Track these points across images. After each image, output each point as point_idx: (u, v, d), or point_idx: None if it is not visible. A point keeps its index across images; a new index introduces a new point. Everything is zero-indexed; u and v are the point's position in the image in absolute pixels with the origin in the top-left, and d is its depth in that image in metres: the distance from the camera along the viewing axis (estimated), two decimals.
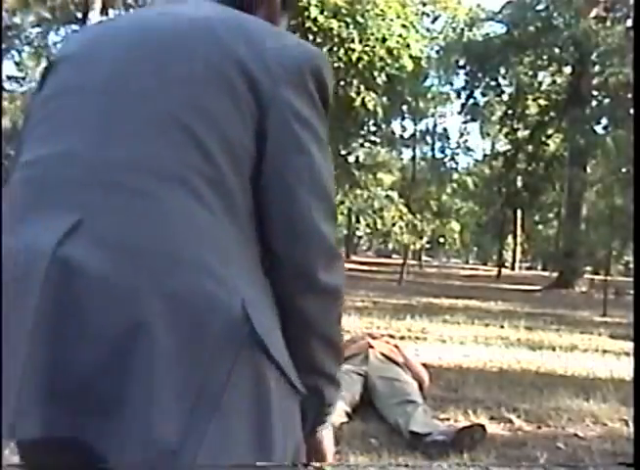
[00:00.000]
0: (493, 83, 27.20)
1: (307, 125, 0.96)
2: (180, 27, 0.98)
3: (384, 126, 21.32)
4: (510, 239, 39.01)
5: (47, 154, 0.93)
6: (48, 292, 0.81)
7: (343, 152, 15.56)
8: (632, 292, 15.22)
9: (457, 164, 44.01)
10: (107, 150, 0.90)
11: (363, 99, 13.99)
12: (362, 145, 22.30)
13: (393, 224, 21.20)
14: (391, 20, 14.09)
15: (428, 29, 30.05)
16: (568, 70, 25.56)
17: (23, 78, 22.21)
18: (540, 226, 44.04)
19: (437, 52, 31.28)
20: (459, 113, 30.90)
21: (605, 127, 24.56)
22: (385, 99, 14.36)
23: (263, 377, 0.86)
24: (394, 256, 44.76)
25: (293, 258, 0.95)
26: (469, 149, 44.58)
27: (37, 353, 0.80)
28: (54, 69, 1.03)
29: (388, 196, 26.53)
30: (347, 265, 20.47)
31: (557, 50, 24.70)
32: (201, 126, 0.90)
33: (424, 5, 29.38)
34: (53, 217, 0.86)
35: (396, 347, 4.00)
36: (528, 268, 44.29)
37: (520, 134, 27.41)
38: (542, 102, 26.64)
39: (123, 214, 0.86)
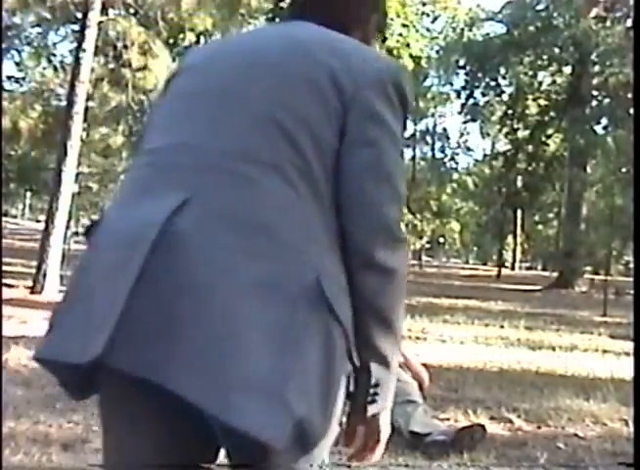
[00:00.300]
0: (493, 83, 27.21)
1: (381, 122, 1.12)
2: (282, 46, 1.19)
3: None
4: (510, 239, 38.99)
5: (165, 144, 1.14)
6: (155, 250, 0.98)
7: None
8: (632, 292, 15.22)
9: (457, 164, 44.07)
10: (214, 141, 1.10)
11: None
12: None
13: None
14: (391, 19, 14.09)
15: (428, 29, 30.04)
16: (568, 70, 25.56)
17: (23, 78, 22.22)
18: (540, 226, 44.02)
19: (437, 52, 31.29)
20: (459, 113, 30.92)
21: (605, 127, 24.57)
22: None
23: (330, 332, 1.02)
24: None
25: (355, 236, 1.09)
26: (469, 149, 44.62)
27: (136, 304, 0.96)
28: (177, 76, 1.25)
29: None
30: None
31: (557, 50, 24.72)
32: (292, 124, 1.08)
33: (424, 5, 29.36)
34: (165, 196, 1.04)
35: None
36: (528, 268, 44.28)
37: (520, 134, 27.41)
38: (542, 102, 26.64)
39: (226, 194, 1.04)
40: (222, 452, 1.06)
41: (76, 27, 12.21)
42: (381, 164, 1.11)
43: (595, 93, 24.52)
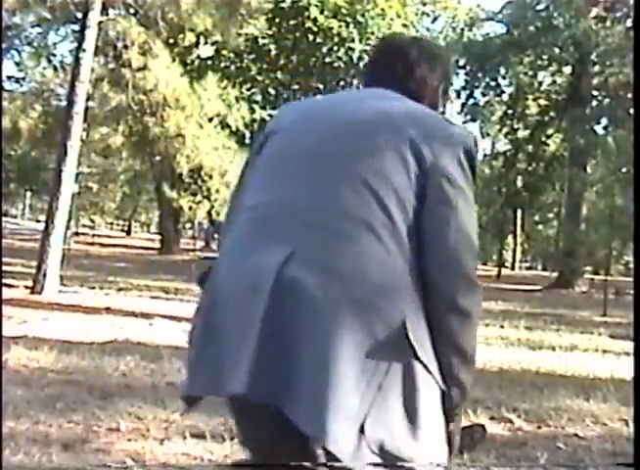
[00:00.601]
0: (493, 83, 27.18)
1: (456, 186, 1.31)
2: (369, 116, 1.38)
3: None
4: (510, 239, 38.98)
5: (267, 201, 1.34)
6: (274, 297, 1.19)
7: None
8: (632, 292, 15.22)
9: None
10: (313, 200, 1.30)
11: None
12: None
13: None
14: (392, 19, 14.09)
15: (428, 29, 30.01)
16: (568, 70, 25.54)
17: (23, 78, 22.20)
18: (540, 226, 44.00)
19: None
20: (459, 113, 30.89)
21: (605, 127, 24.56)
22: None
23: (412, 373, 1.21)
24: None
25: (439, 284, 1.28)
26: None
27: (264, 341, 1.18)
28: (270, 138, 1.43)
29: None
30: None
31: (557, 50, 24.69)
32: (380, 187, 1.27)
33: (424, 5, 29.33)
34: (273, 248, 1.25)
35: None
36: (528, 268, 44.26)
37: (520, 134, 27.39)
38: (542, 102, 26.63)
39: (327, 249, 1.24)
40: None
41: (76, 27, 12.21)
42: (457, 221, 1.30)
43: (595, 93, 24.50)
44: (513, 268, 36.78)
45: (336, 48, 13.59)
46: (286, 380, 1.18)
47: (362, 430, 1.17)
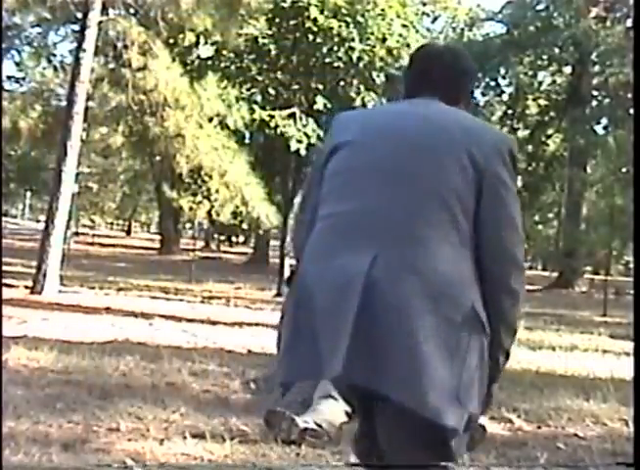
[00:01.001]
0: (493, 83, 27.16)
1: (506, 186, 1.55)
2: (429, 130, 1.58)
3: None
4: None
5: (347, 210, 1.53)
6: (365, 294, 1.40)
7: None
8: (632, 292, 15.21)
9: None
10: (390, 208, 1.50)
11: (363, 99, 13.95)
12: None
13: None
14: (392, 19, 14.06)
15: (428, 29, 29.95)
16: (568, 70, 25.53)
17: (24, 78, 22.18)
18: (540, 226, 43.96)
19: None
20: None
21: (605, 127, 24.54)
22: (384, 99, 14.32)
23: (483, 344, 1.50)
24: None
25: (495, 271, 1.52)
26: None
27: (356, 334, 1.39)
28: (339, 150, 1.60)
29: None
30: None
31: (557, 50, 24.68)
32: (450, 197, 1.49)
33: (424, 5, 29.29)
34: (359, 252, 1.45)
35: None
36: (529, 268, 44.25)
37: (520, 134, 27.37)
38: (542, 102, 26.61)
39: (404, 251, 1.46)
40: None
41: (76, 27, 12.20)
42: (509, 218, 1.55)
43: (595, 93, 24.49)
44: None
45: (336, 48, 13.56)
46: (381, 364, 1.40)
47: (458, 400, 1.42)
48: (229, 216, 13.32)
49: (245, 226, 21.60)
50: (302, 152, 13.41)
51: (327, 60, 13.89)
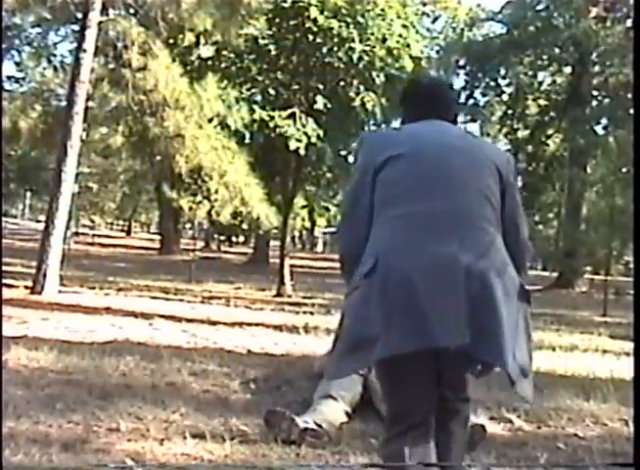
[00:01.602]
0: (493, 83, 27.15)
1: (516, 191, 2.11)
2: (465, 145, 2.05)
3: (383, 127, 21.20)
4: None
5: (417, 210, 1.91)
6: (462, 274, 1.81)
7: (343, 152, 15.49)
8: (632, 292, 15.20)
9: None
10: (454, 208, 1.93)
11: (363, 99, 13.95)
12: None
13: None
14: (392, 20, 14.04)
15: (428, 29, 29.98)
16: (568, 70, 25.52)
17: (23, 78, 22.16)
18: (540, 226, 43.95)
19: (437, 52, 31.23)
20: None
21: (605, 127, 24.53)
22: (384, 99, 14.30)
23: (527, 308, 1.94)
24: None
25: (515, 252, 2.01)
26: None
27: (465, 305, 1.81)
28: (391, 163, 1.97)
29: None
30: None
31: (557, 50, 24.67)
32: (491, 197, 1.98)
33: (424, 5, 29.32)
34: (441, 243, 1.86)
35: None
36: (529, 268, 44.18)
37: (520, 134, 27.37)
38: (542, 102, 26.61)
39: (476, 239, 1.90)
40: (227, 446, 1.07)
41: (76, 28, 12.19)
42: (521, 214, 2.11)
43: (595, 93, 24.48)
44: None
45: (336, 48, 13.55)
46: (480, 331, 1.79)
47: (514, 357, 1.82)
48: (229, 217, 13.31)
49: (245, 226, 21.62)
50: (302, 151, 13.41)
51: (327, 60, 13.88)
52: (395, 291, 1.79)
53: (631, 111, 16.81)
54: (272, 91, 14.10)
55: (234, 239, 42.17)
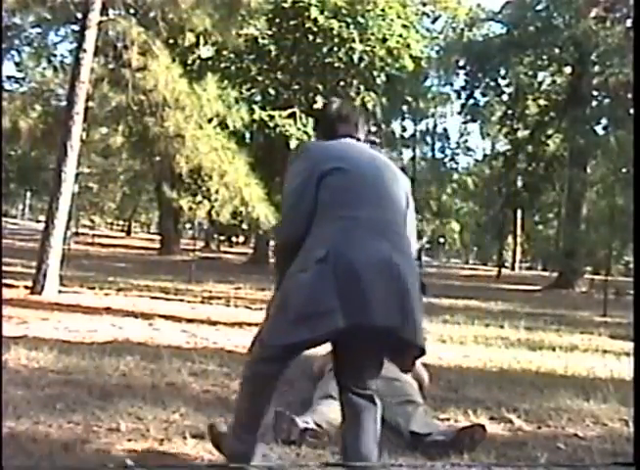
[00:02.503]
0: (493, 83, 27.18)
1: (412, 200, 2.59)
2: (382, 165, 2.54)
3: (384, 127, 21.25)
4: (510, 239, 38.97)
5: (360, 215, 2.33)
6: (394, 268, 2.28)
7: None
8: (632, 292, 15.20)
9: (457, 164, 44.00)
10: (384, 216, 2.39)
11: (363, 99, 13.96)
12: None
13: None
14: (392, 20, 14.07)
15: (428, 29, 30.02)
16: (568, 70, 25.54)
17: (23, 78, 22.15)
18: (540, 226, 43.98)
19: (437, 52, 31.28)
20: (459, 113, 30.90)
21: (605, 127, 24.55)
22: (385, 99, 14.33)
23: (420, 280, 2.43)
24: None
25: (412, 242, 2.49)
26: (469, 149, 44.58)
27: (397, 292, 2.27)
28: (334, 173, 2.38)
29: None
30: None
31: (557, 50, 24.70)
32: (402, 206, 2.49)
33: (424, 5, 29.34)
34: (379, 242, 2.30)
35: None
36: (528, 268, 44.25)
37: (520, 134, 27.39)
38: (542, 102, 26.63)
39: (398, 241, 2.38)
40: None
41: (76, 28, 12.19)
42: (414, 218, 2.59)
43: (595, 93, 24.50)
44: (513, 268, 36.79)
45: (336, 48, 13.56)
46: (402, 313, 2.24)
47: (422, 326, 2.35)
48: (229, 217, 13.31)
49: (245, 226, 21.58)
50: None
51: (327, 60, 13.90)
52: (344, 276, 2.18)
53: (631, 111, 16.81)
54: (272, 91, 14.12)
55: (234, 239, 42.18)
